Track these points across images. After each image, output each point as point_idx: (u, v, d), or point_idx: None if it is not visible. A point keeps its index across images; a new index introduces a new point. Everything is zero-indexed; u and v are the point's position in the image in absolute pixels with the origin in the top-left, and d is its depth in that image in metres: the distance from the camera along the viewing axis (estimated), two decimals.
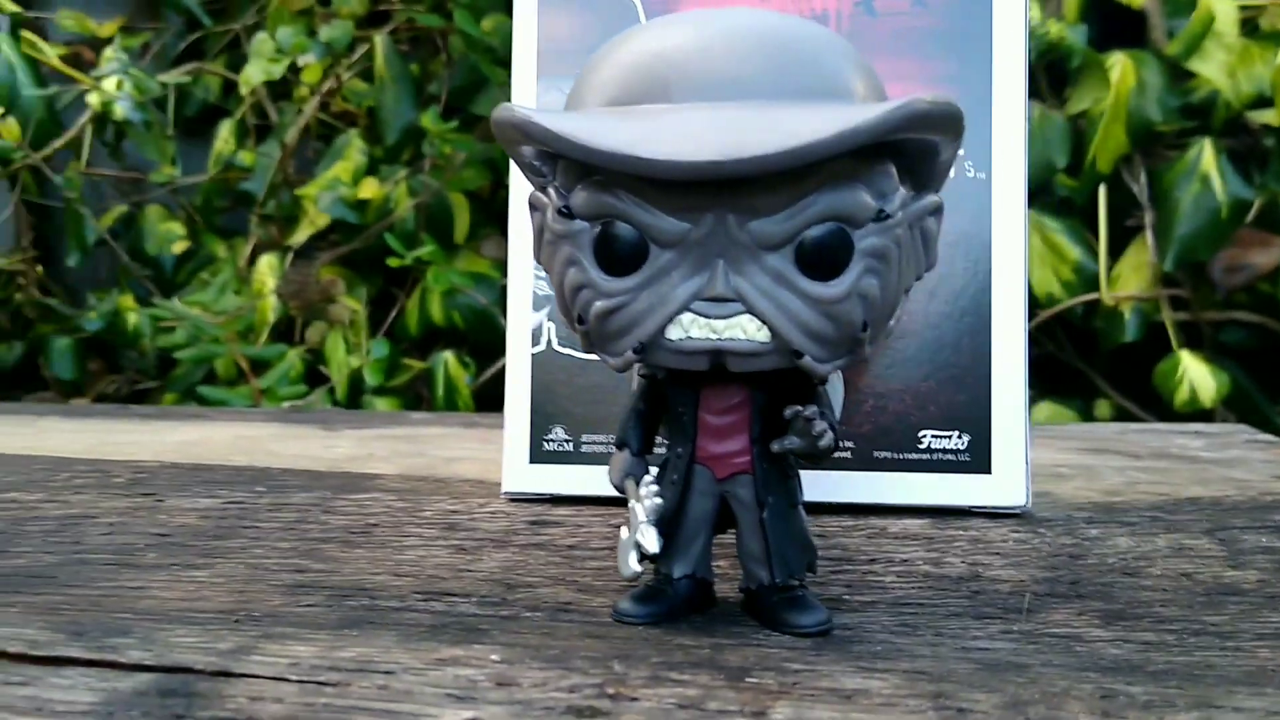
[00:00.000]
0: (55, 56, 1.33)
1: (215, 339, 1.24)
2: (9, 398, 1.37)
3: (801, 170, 0.28)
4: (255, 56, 1.28)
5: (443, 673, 0.26)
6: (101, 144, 1.40)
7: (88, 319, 1.33)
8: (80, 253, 1.34)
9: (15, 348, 1.40)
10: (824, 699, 0.25)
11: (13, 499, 0.43)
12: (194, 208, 1.40)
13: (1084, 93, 1.31)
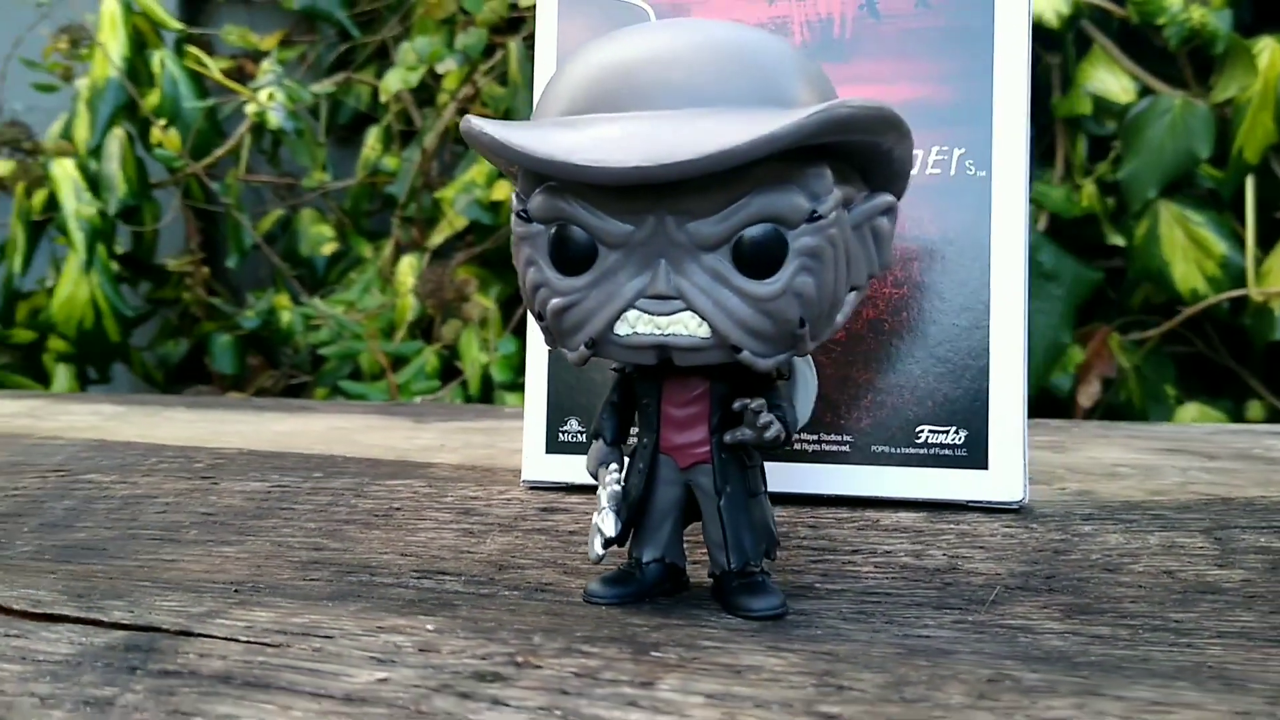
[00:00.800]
0: (218, 70, 1.42)
1: (357, 336, 1.30)
2: (174, 391, 1.47)
3: (735, 173, 0.29)
4: (397, 65, 1.34)
5: (376, 639, 0.28)
6: (259, 152, 1.48)
7: (246, 317, 1.41)
8: (239, 255, 1.43)
9: (182, 344, 1.49)
10: (715, 673, 0.26)
11: (90, 479, 0.47)
12: (343, 211, 1.47)
13: (1230, 80, 1.26)
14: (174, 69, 1.35)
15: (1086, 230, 1.35)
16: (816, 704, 0.25)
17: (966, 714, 0.24)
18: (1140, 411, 1.32)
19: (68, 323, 1.34)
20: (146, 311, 1.47)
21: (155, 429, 0.64)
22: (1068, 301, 1.35)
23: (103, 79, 1.33)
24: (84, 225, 1.31)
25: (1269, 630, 0.32)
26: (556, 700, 0.25)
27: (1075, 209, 1.34)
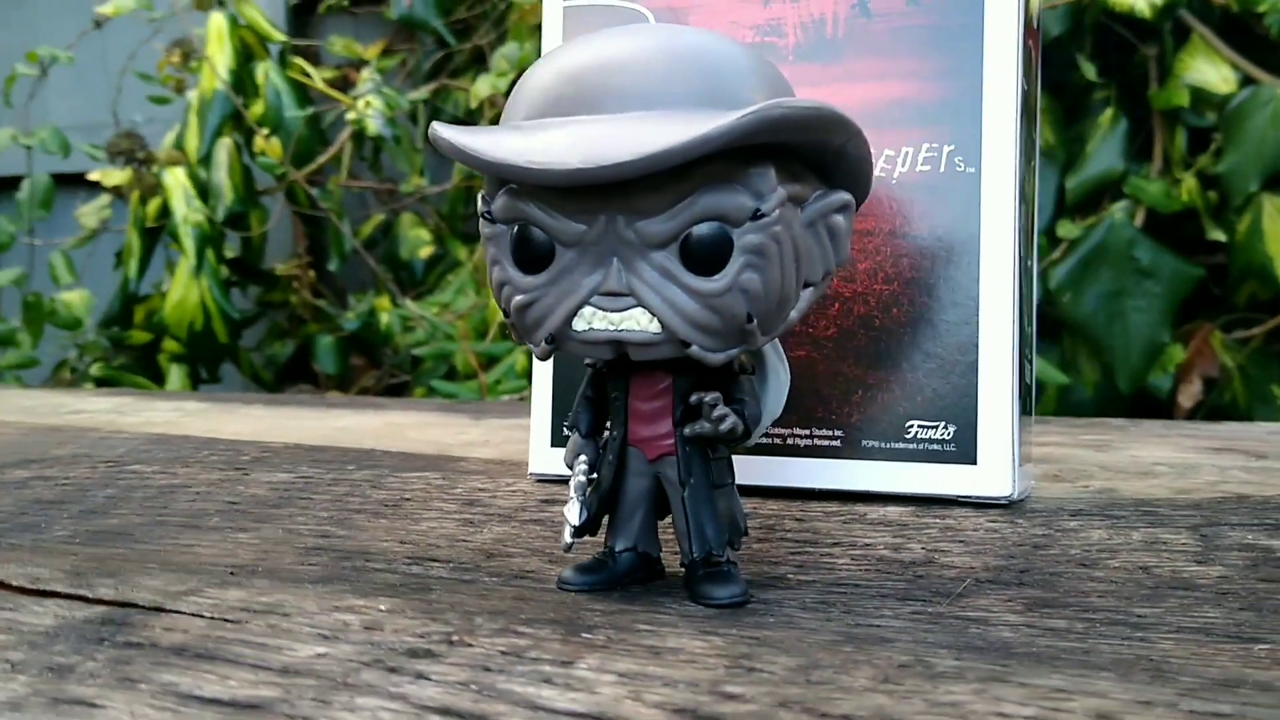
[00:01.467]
0: (321, 80, 1.47)
1: (449, 337, 1.33)
2: (279, 390, 1.52)
3: (680, 173, 0.30)
4: (489, 71, 1.37)
5: (329, 617, 0.30)
6: (360, 158, 1.53)
7: (347, 319, 1.46)
8: (339, 259, 1.47)
9: (289, 345, 1.54)
10: (636, 654, 0.27)
11: (134, 470, 0.50)
12: (440, 215, 1.50)
13: None
14: (277, 80, 1.40)
15: (1186, 225, 1.32)
16: (722, 684, 0.26)
17: (864, 696, 0.25)
18: (1245, 412, 1.28)
19: (179, 324, 1.40)
20: (254, 314, 1.53)
21: (224, 425, 0.67)
22: (1167, 299, 1.32)
23: (210, 91, 1.39)
24: (193, 231, 1.37)
25: (1231, 627, 0.32)
26: (476, 676, 0.26)
27: (1174, 204, 1.31)
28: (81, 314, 1.42)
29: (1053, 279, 1.32)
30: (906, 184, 0.41)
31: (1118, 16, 1.29)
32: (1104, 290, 1.31)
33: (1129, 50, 1.33)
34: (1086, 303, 1.32)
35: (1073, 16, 1.29)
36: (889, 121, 0.41)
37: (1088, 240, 1.31)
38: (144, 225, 1.42)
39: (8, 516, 0.44)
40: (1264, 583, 0.35)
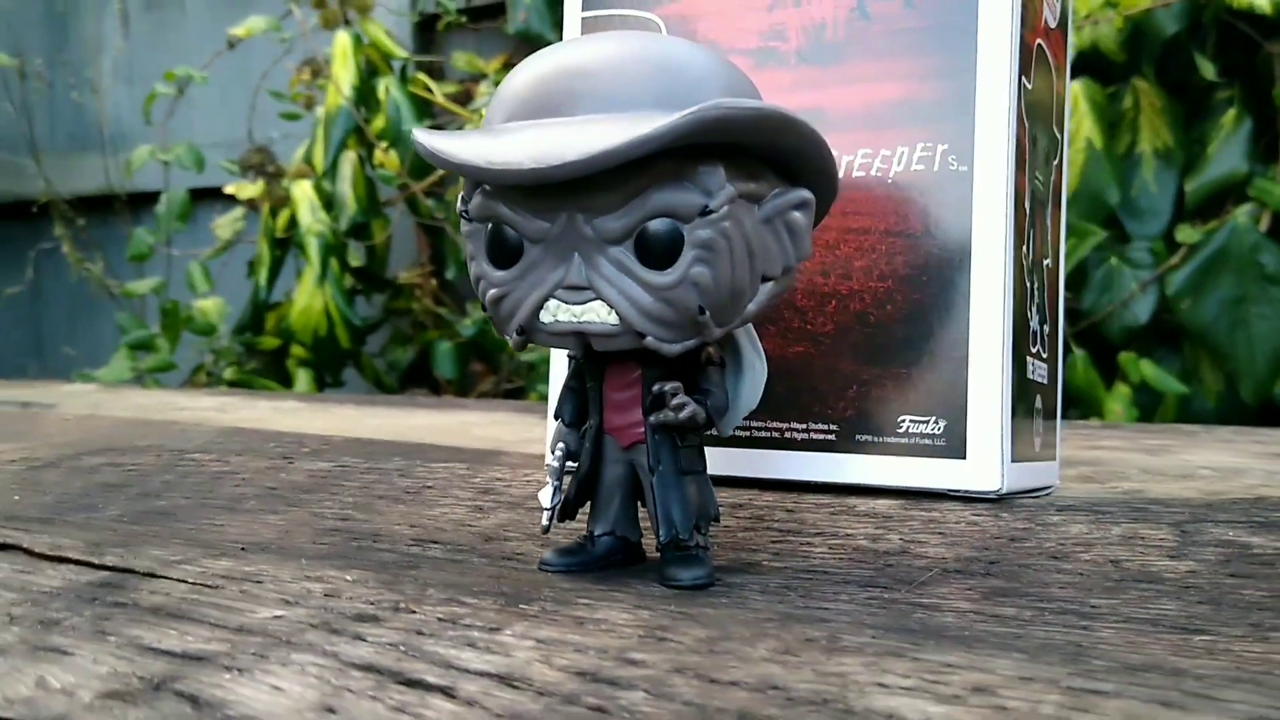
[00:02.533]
0: (441, 94, 1.52)
1: None
2: (398, 393, 1.57)
3: (633, 172, 0.32)
4: None
5: (297, 585, 0.32)
6: None
7: (464, 326, 1.50)
8: (457, 267, 1.52)
9: (410, 351, 1.60)
10: (561, 624, 0.29)
11: (194, 459, 0.54)
12: None
13: None
14: (397, 95, 1.45)
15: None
16: (629, 651, 0.27)
17: (758, 665, 0.26)
18: None
19: (304, 330, 1.46)
20: (378, 320, 1.59)
21: (308, 421, 0.71)
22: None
23: (335, 106, 1.45)
24: (318, 241, 1.43)
25: (1181, 619, 0.32)
26: (408, 639, 0.28)
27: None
28: (216, 321, 1.50)
29: (1170, 285, 1.28)
30: (902, 183, 0.42)
31: (1239, 14, 1.25)
32: (1226, 297, 1.27)
33: (1253, 48, 1.28)
34: (1207, 310, 1.28)
35: (1190, 14, 1.26)
36: (887, 122, 0.42)
37: (1208, 245, 1.27)
38: (274, 236, 1.49)
39: (72, 497, 0.48)
40: (1231, 578, 0.34)
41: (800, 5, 0.44)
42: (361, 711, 0.25)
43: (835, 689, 0.25)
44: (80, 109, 1.88)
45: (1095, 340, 1.31)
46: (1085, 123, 1.28)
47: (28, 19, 1.96)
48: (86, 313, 1.90)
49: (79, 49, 1.88)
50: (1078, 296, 1.30)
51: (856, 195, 0.43)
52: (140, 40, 1.89)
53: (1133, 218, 1.33)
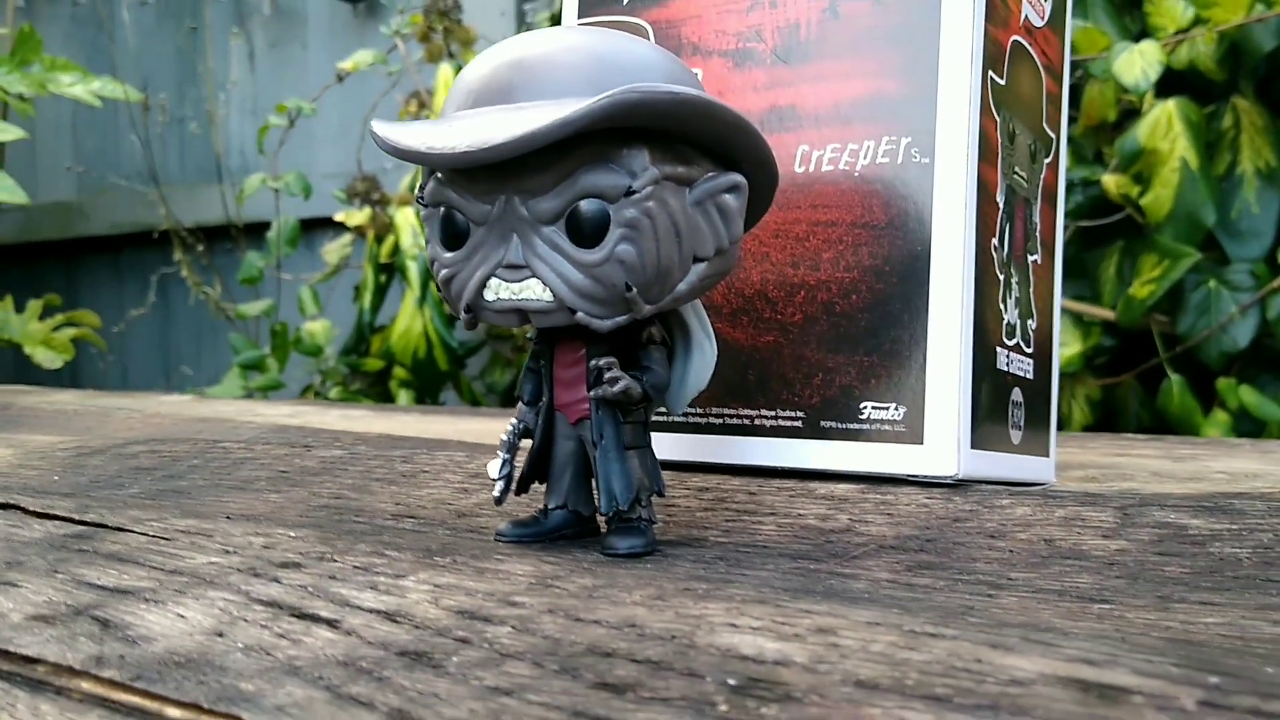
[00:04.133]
0: None
1: None
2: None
3: (563, 155, 0.34)
4: None
5: (242, 539, 0.34)
6: None
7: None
8: None
9: (508, 373, 1.64)
10: (464, 574, 0.31)
11: (223, 448, 0.57)
12: None
13: None
14: None
15: None
16: (513, 595, 0.29)
17: (626, 608, 0.27)
18: None
19: (404, 352, 1.51)
20: (477, 344, 1.63)
21: (357, 425, 0.74)
22: None
23: None
24: (418, 265, 1.48)
25: (1093, 591, 0.32)
26: (319, 582, 0.30)
27: None
28: (323, 342, 1.55)
29: (1272, 309, 1.24)
30: (868, 176, 0.43)
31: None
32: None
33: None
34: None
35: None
36: (855, 118, 0.43)
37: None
38: (378, 261, 1.55)
39: (106, 478, 0.52)
40: (1158, 555, 0.34)
41: (776, 7, 0.45)
42: (247, 636, 0.27)
43: (688, 628, 0.26)
44: (203, 142, 1.98)
45: (1192, 365, 1.28)
46: (1180, 142, 1.25)
47: (158, 57, 2.07)
48: (208, 334, 2.00)
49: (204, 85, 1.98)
50: (1173, 320, 1.27)
51: (826, 189, 0.44)
52: (263, 76, 1.99)
53: (1233, 239, 1.29)
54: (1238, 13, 1.19)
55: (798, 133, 0.44)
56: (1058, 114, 0.50)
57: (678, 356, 0.39)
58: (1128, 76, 1.15)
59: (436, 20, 1.49)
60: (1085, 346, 1.29)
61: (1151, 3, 1.22)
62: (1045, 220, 0.48)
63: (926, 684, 0.23)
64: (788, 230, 0.44)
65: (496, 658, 0.25)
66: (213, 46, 1.97)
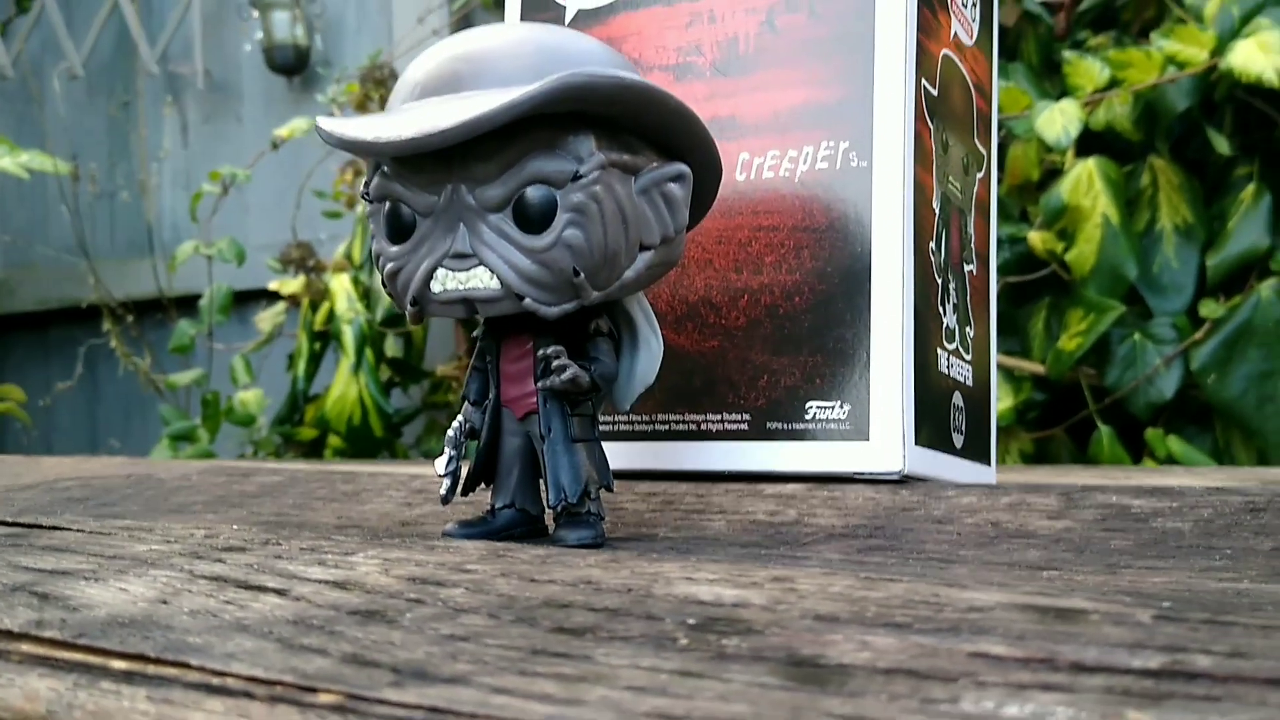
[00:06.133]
0: None
1: None
2: None
3: (510, 142, 0.34)
4: None
5: (183, 531, 0.34)
6: None
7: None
8: None
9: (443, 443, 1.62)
10: (413, 551, 0.30)
11: (158, 480, 0.56)
12: None
13: None
14: None
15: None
16: (466, 564, 0.28)
17: (581, 570, 0.27)
18: None
19: (339, 419, 1.50)
20: (413, 411, 1.62)
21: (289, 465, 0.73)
22: None
23: None
24: (353, 330, 1.47)
25: (1041, 562, 0.32)
26: (264, 561, 0.30)
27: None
28: (256, 411, 1.53)
29: (1195, 360, 1.27)
30: (808, 181, 0.43)
31: (1252, 90, 1.26)
32: (1253, 371, 1.26)
33: (1269, 124, 1.29)
34: (1233, 385, 1.26)
35: (1201, 90, 1.27)
36: (793, 125, 0.44)
37: (1233, 320, 1.26)
38: (313, 329, 1.54)
39: (38, 507, 0.50)
40: (1103, 531, 0.35)
41: (715, 22, 0.46)
42: (193, 604, 0.26)
43: (644, 583, 0.26)
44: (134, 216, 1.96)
45: (1121, 416, 1.30)
46: (1101, 199, 1.29)
47: (89, 130, 2.06)
48: (137, 407, 1.96)
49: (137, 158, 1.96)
50: (1101, 373, 1.30)
51: (767, 196, 0.44)
52: (197, 149, 1.98)
53: (1155, 294, 1.32)
54: (1151, 74, 1.24)
55: (738, 141, 0.45)
56: (987, 132, 0.51)
57: (624, 352, 0.39)
58: (1049, 133, 1.18)
59: (373, 89, 1.49)
60: (1017, 400, 1.31)
61: (1069, 64, 1.26)
62: (979, 232, 0.49)
63: (886, 615, 0.23)
64: (730, 236, 0.44)
65: (451, 613, 0.25)
66: (145, 119, 1.97)
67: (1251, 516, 0.35)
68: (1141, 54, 1.26)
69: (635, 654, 0.22)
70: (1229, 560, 0.32)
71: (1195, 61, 1.24)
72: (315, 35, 1.89)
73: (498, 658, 0.22)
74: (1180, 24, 1.27)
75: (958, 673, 0.20)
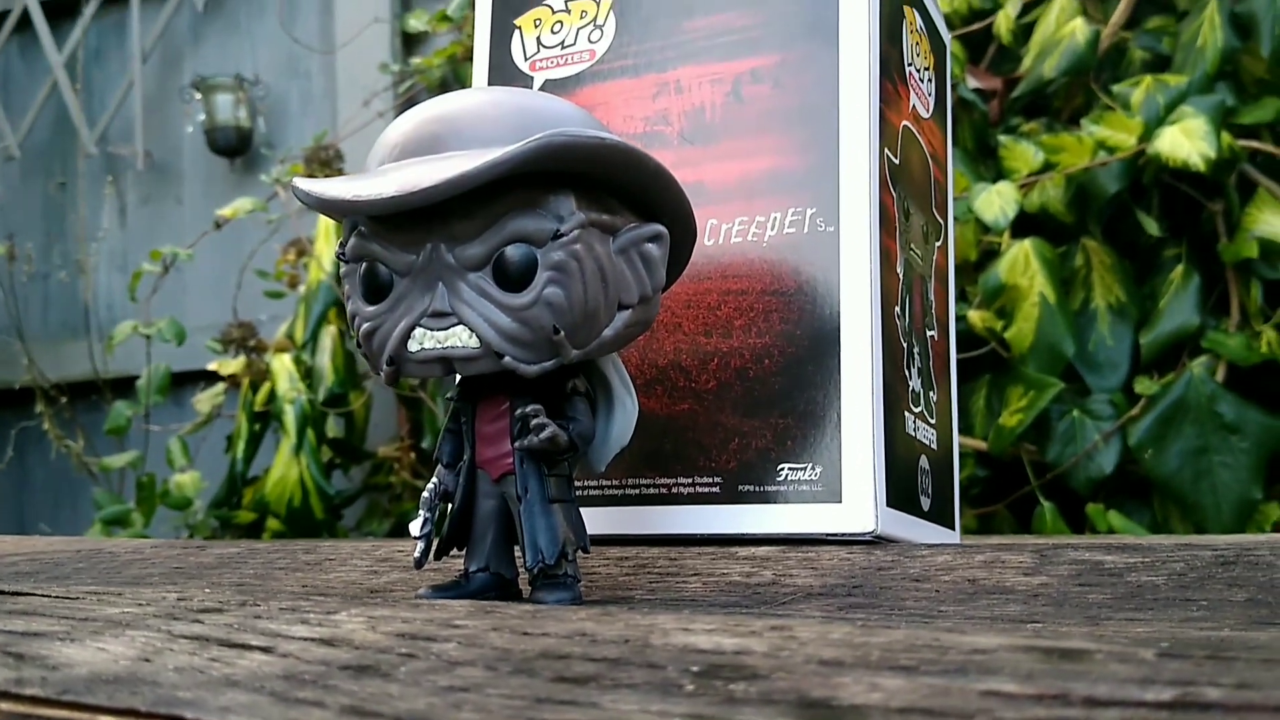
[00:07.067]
0: None
1: None
2: None
3: (491, 201, 0.34)
4: None
5: (154, 594, 0.33)
6: None
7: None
8: (433, 436, 1.54)
9: (386, 524, 1.60)
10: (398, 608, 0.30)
11: (110, 553, 0.54)
12: None
13: None
14: None
15: (1269, 379, 1.29)
16: (453, 620, 0.28)
17: (573, 623, 0.27)
18: None
19: (279, 501, 1.47)
20: (354, 493, 1.59)
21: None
22: (1256, 455, 1.28)
23: (316, 282, 1.50)
24: (295, 409, 1.45)
25: (1022, 616, 0.33)
26: (244, 620, 0.29)
27: (1254, 356, 1.29)
28: (192, 494, 1.50)
29: (1133, 436, 1.30)
30: (776, 245, 0.44)
31: (1180, 175, 1.30)
32: (1188, 447, 1.28)
33: (1195, 206, 1.33)
34: (1170, 460, 1.28)
35: (1130, 173, 1.31)
36: (760, 191, 0.45)
37: (1167, 396, 1.29)
38: (253, 410, 1.52)
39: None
40: (1080, 586, 0.35)
41: (682, 92, 0.47)
42: (177, 661, 0.25)
43: (640, 634, 0.26)
44: (70, 297, 1.93)
45: (1062, 492, 1.32)
46: (1038, 279, 1.32)
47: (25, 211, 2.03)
48: (67, 491, 1.91)
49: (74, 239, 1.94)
50: (1041, 449, 1.32)
51: (735, 260, 0.45)
52: (135, 231, 1.96)
53: (1091, 371, 1.35)
54: (1083, 158, 1.27)
55: (706, 208, 0.45)
56: (945, 203, 0.52)
57: (600, 413, 0.39)
58: (988, 214, 1.21)
59: (318, 169, 1.50)
60: (961, 477, 1.32)
61: (1005, 147, 1.30)
62: (940, 299, 0.50)
63: (890, 658, 0.23)
64: (699, 300, 0.45)
65: (446, 665, 0.24)
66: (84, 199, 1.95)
67: (1223, 569, 0.35)
68: (1073, 139, 1.30)
69: (643, 700, 0.21)
70: (1206, 611, 0.32)
71: (1124, 146, 1.28)
72: (258, 118, 1.89)
73: (502, 706, 0.22)
74: (1109, 111, 1.31)
75: (973, 710, 0.20)
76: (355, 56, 1.73)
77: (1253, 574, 0.34)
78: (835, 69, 0.44)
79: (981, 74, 1.41)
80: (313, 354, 1.51)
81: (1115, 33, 1.34)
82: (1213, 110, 1.23)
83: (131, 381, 1.66)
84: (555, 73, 0.48)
